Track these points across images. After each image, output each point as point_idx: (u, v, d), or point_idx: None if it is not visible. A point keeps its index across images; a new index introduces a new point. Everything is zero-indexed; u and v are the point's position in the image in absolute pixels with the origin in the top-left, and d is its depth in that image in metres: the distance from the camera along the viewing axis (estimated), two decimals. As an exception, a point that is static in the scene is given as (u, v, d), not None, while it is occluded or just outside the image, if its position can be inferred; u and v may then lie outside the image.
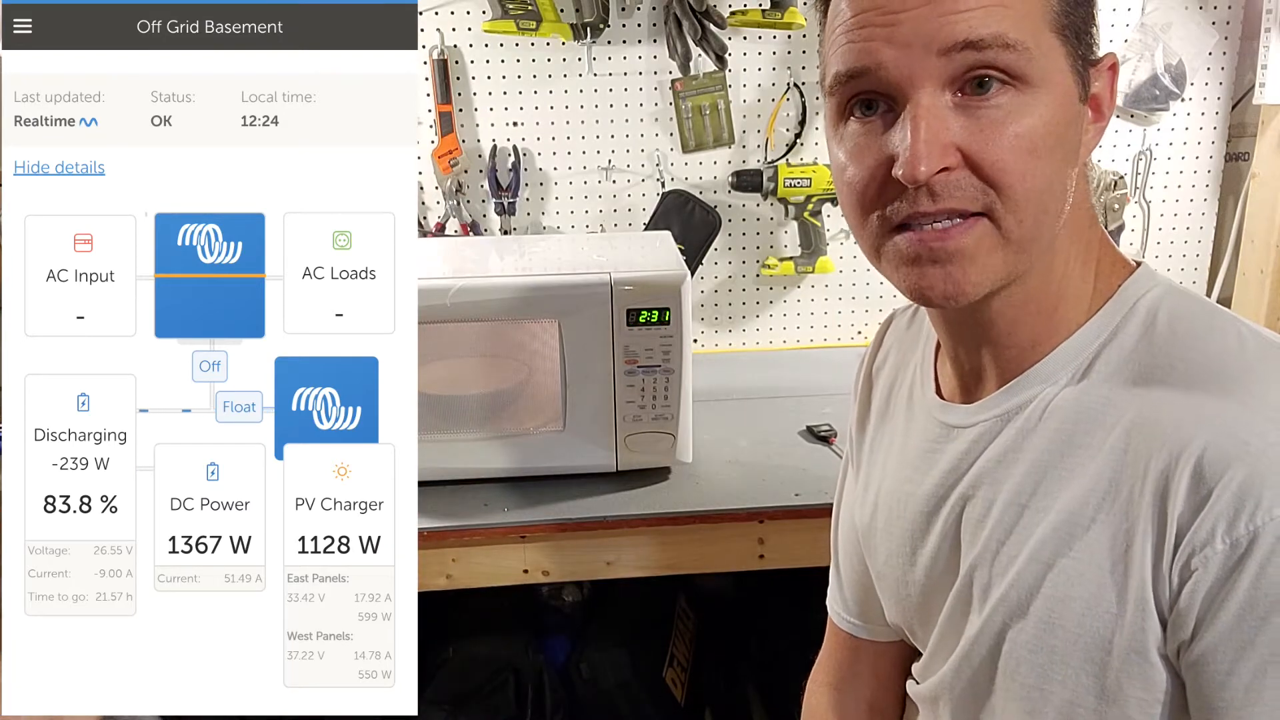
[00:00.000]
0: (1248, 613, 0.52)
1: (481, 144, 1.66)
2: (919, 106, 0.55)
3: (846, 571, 0.86)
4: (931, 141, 0.54)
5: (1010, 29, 0.54)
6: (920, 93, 0.55)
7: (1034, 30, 0.55)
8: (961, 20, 0.54)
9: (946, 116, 0.55)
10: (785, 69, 1.65)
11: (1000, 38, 0.54)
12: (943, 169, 0.55)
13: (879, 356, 0.82)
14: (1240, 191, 1.69)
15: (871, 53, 0.56)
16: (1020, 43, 0.54)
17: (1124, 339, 0.61)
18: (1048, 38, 0.56)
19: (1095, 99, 0.61)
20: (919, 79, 0.55)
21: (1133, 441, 0.57)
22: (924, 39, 0.54)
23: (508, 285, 1.14)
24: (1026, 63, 0.55)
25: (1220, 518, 0.52)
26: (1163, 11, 1.62)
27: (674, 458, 1.18)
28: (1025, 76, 0.55)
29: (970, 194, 0.56)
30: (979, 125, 0.55)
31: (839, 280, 1.76)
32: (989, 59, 0.54)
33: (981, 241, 0.57)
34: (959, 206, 0.56)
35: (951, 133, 0.55)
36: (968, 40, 0.54)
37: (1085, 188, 0.63)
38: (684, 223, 1.66)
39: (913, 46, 0.55)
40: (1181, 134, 1.70)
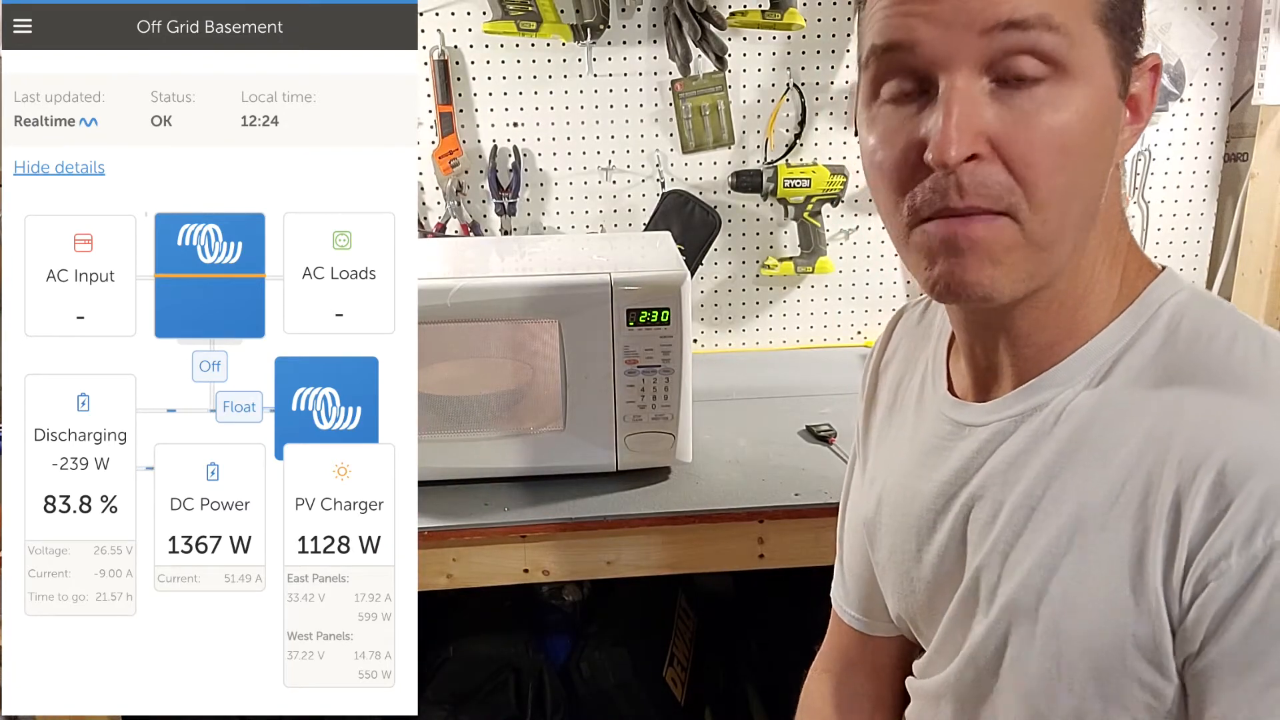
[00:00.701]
0: (1258, 628, 0.51)
1: (482, 144, 1.66)
2: (954, 89, 0.54)
3: (850, 566, 0.86)
4: (964, 126, 0.53)
5: (1055, 11, 0.53)
6: (956, 75, 0.54)
7: (1078, 17, 0.54)
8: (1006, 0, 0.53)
9: (981, 102, 0.54)
10: (785, 69, 1.65)
11: (1045, 19, 0.53)
12: (972, 156, 0.54)
13: (888, 350, 0.82)
14: (1239, 192, 1.69)
15: (911, 28, 0.55)
16: (1064, 26, 0.53)
17: (1146, 344, 0.60)
18: (1091, 28, 0.55)
19: (1134, 99, 0.59)
20: (957, 59, 0.54)
21: (1150, 449, 0.56)
22: (966, 17, 0.53)
23: (508, 285, 1.14)
24: (1068, 49, 0.54)
25: (1239, 531, 0.51)
26: (1162, 12, 1.62)
27: (674, 458, 1.18)
28: (1065, 64, 0.54)
29: (995, 191, 0.55)
30: (1013, 115, 0.54)
31: (839, 280, 1.76)
32: (1031, 40, 0.53)
33: (1001, 237, 0.56)
34: (983, 205, 0.55)
35: (984, 119, 0.54)
36: (1011, 20, 0.53)
37: (1117, 189, 0.62)
38: (684, 223, 1.67)
39: (953, 25, 0.53)
40: (1180, 134, 1.70)
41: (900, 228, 0.59)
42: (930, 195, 0.56)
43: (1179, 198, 1.73)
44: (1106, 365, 0.61)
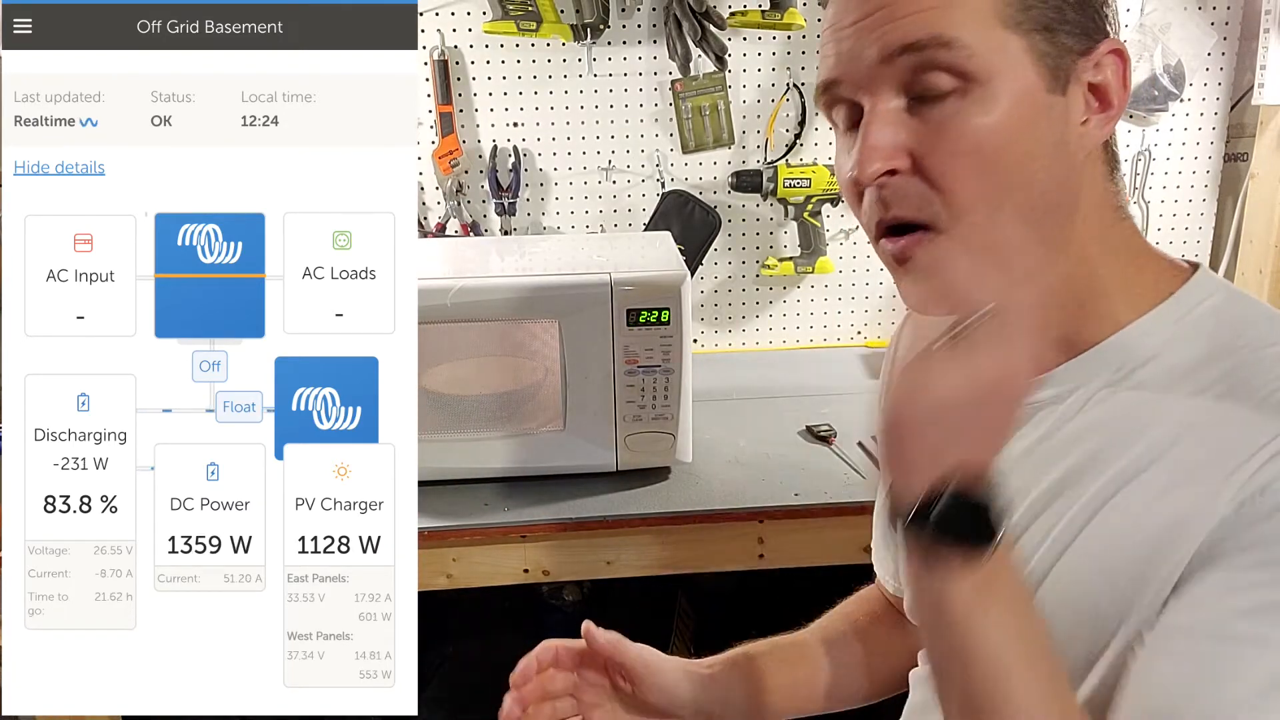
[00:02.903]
0: None
1: (482, 144, 1.66)
2: (872, 113, 0.58)
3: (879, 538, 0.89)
4: (876, 145, 0.57)
5: (947, 28, 0.55)
6: (875, 99, 0.57)
7: (979, 28, 0.55)
8: (898, 27, 0.55)
9: (896, 120, 0.57)
10: (785, 69, 1.65)
11: (937, 38, 0.55)
12: (889, 171, 0.57)
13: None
14: (1239, 192, 1.69)
15: (832, 66, 0.59)
16: (958, 40, 0.55)
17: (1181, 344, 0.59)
18: (999, 33, 0.56)
19: (1097, 88, 0.59)
20: (871, 86, 0.57)
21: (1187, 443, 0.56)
22: (867, 48, 0.57)
23: (508, 285, 1.14)
24: (967, 60, 0.55)
25: None
26: (1162, 12, 1.62)
27: (674, 457, 1.18)
28: (969, 74, 0.55)
29: (915, 201, 0.57)
30: (927, 128, 0.56)
31: (839, 280, 1.76)
32: (929, 59, 0.55)
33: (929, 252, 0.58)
34: (905, 215, 0.58)
35: (899, 137, 0.57)
36: (903, 44, 0.55)
37: (1104, 182, 0.62)
38: (684, 223, 1.67)
39: (860, 57, 0.57)
40: (1180, 134, 1.70)
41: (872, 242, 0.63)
42: (869, 210, 0.60)
43: (1179, 198, 1.73)
44: (1138, 361, 0.60)
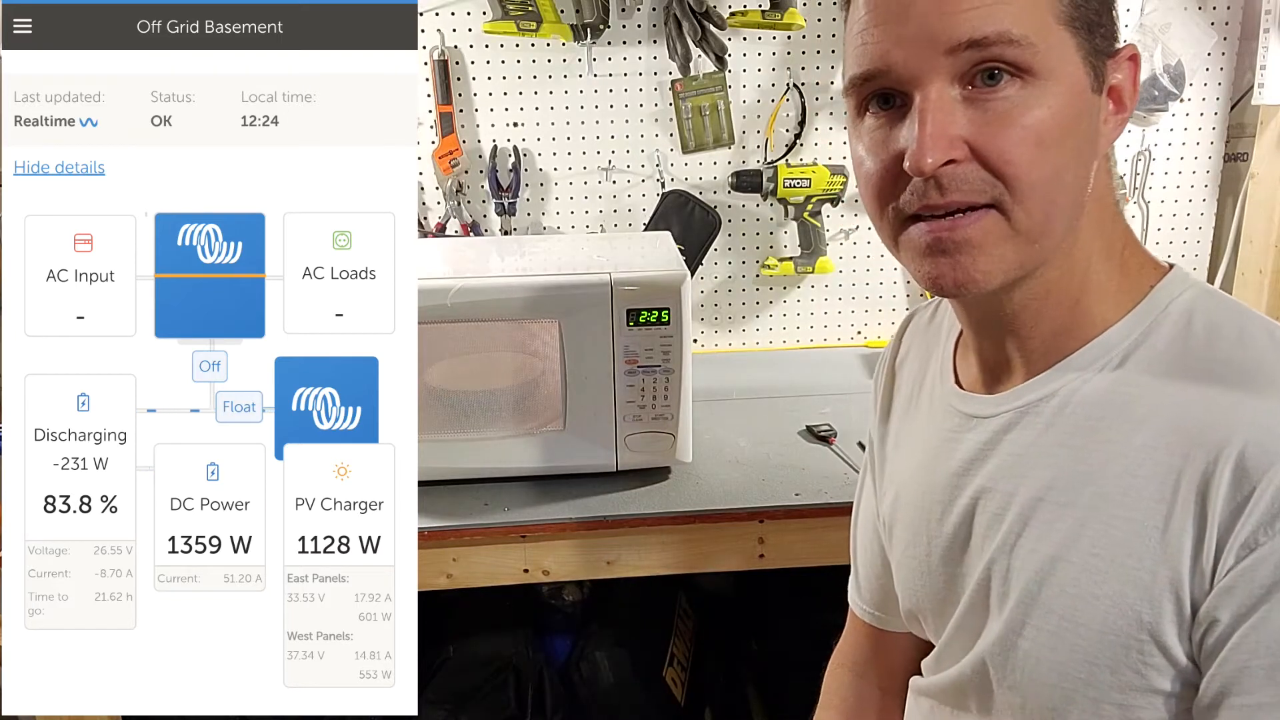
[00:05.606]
0: None
1: (482, 144, 1.66)
2: (926, 100, 0.56)
3: (864, 565, 0.87)
4: (937, 134, 0.56)
5: (1013, 25, 0.55)
6: (929, 88, 0.56)
7: (1040, 24, 0.56)
8: (965, 19, 0.55)
9: (953, 109, 0.56)
10: (785, 69, 1.65)
11: (1004, 34, 0.55)
12: (949, 161, 0.56)
13: (900, 353, 0.83)
14: (1239, 192, 1.69)
15: (883, 55, 0.58)
16: (1024, 37, 0.55)
17: (1156, 340, 0.61)
18: (1056, 31, 0.57)
19: (1115, 90, 0.61)
20: (927, 76, 0.56)
21: (1167, 439, 0.57)
22: (929, 37, 0.56)
23: (508, 285, 1.14)
24: (1032, 56, 0.56)
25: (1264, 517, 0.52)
26: (1162, 12, 1.62)
27: (674, 457, 1.18)
28: (1032, 69, 0.56)
29: (977, 186, 0.57)
30: (986, 118, 0.56)
31: (839, 280, 1.76)
32: (994, 55, 0.55)
33: (990, 232, 0.58)
34: (965, 199, 0.57)
35: (958, 125, 0.56)
36: (971, 39, 0.55)
37: (1107, 181, 0.63)
38: (684, 223, 1.66)
39: (921, 47, 0.56)
40: (1180, 134, 1.70)
41: (889, 233, 0.62)
42: (910, 198, 0.59)
43: (1179, 198, 1.73)
44: (1115, 360, 0.61)
